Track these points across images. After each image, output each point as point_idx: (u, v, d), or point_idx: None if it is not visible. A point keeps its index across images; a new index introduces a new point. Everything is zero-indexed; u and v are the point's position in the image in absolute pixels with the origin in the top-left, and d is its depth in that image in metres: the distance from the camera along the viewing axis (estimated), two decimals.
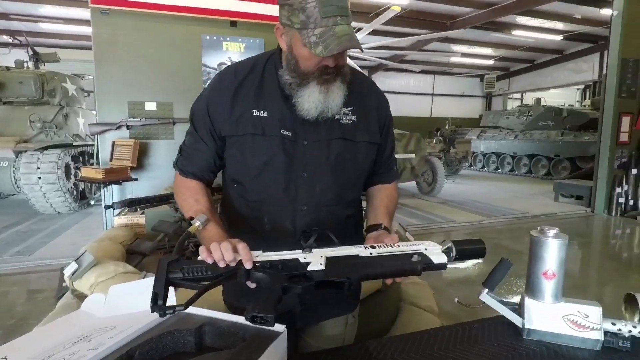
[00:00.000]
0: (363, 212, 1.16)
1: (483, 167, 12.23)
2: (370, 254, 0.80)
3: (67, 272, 2.03)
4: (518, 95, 17.80)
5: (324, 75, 0.89)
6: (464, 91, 17.80)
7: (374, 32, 9.79)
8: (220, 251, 0.74)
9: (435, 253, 0.82)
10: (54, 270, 3.34)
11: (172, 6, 3.28)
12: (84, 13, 9.12)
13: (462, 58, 14.41)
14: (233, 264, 0.75)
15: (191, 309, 1.02)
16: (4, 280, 3.36)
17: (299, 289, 0.75)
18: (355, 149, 0.99)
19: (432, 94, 17.32)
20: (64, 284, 2.17)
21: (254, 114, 0.94)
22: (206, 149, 0.99)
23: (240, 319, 0.93)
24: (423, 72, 16.34)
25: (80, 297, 2.06)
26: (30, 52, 7.01)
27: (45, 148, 5.46)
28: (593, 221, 5.58)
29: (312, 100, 0.90)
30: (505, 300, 0.89)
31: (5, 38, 9.88)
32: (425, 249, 0.82)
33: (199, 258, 0.77)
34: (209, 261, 0.75)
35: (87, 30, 9.80)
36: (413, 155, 6.75)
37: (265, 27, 3.60)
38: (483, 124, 13.35)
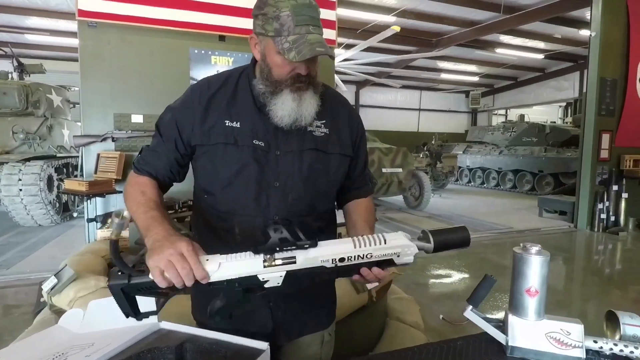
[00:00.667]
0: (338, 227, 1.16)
1: (469, 181, 12.41)
2: (335, 265, 0.77)
3: (46, 286, 1.97)
4: (503, 112, 18.24)
5: (296, 83, 0.91)
6: (450, 107, 18.17)
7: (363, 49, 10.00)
8: (176, 273, 0.71)
9: (406, 255, 0.80)
10: (33, 285, 3.24)
11: (161, 20, 3.29)
12: (70, 25, 9.08)
13: (448, 74, 14.77)
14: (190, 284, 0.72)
15: (172, 326, 1.00)
16: None
17: (256, 295, 0.77)
18: (328, 160, 1.00)
19: (419, 109, 17.63)
20: (42, 299, 2.10)
21: (227, 124, 0.95)
22: (167, 152, 0.99)
23: (222, 336, 0.91)
24: (409, 87, 16.67)
25: (59, 312, 1.99)
26: (15, 63, 6.92)
27: (28, 160, 5.35)
28: (576, 236, 5.68)
29: (285, 108, 0.91)
30: (490, 316, 0.89)
31: None
32: (398, 255, 0.80)
33: (150, 277, 0.72)
34: (163, 285, 0.72)
35: (73, 42, 9.71)
36: (400, 170, 6.81)
37: None
38: (469, 139, 13.59)
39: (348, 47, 10.23)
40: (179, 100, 1.02)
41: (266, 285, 0.75)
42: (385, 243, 0.79)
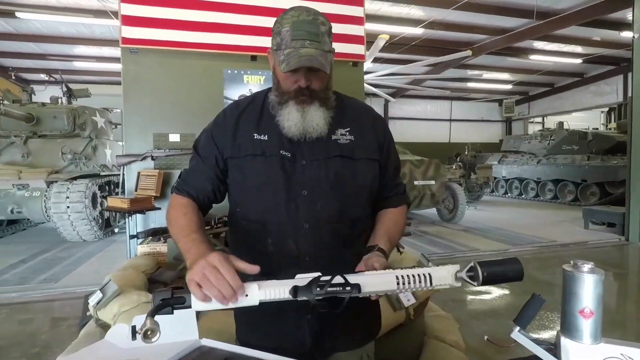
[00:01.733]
0: None
1: (506, 192, 11.95)
2: (370, 296, 0.80)
3: (92, 301, 2.05)
4: (539, 119, 17.57)
5: (299, 95, 0.96)
6: (482, 116, 17.71)
7: (388, 61, 10.01)
8: (211, 285, 0.73)
9: (447, 285, 0.81)
10: (78, 298, 3.39)
11: (196, 43, 3.44)
12: (113, 51, 9.69)
13: (480, 83, 14.44)
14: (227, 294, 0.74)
15: (213, 343, 1.01)
16: (30, 308, 3.43)
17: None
18: (354, 166, 1.01)
19: (450, 120, 17.29)
20: (87, 313, 2.19)
21: (255, 137, 1.01)
22: (207, 169, 1.03)
23: (263, 355, 0.91)
24: (440, 97, 16.42)
25: (104, 326, 2.07)
26: (64, 89, 7.44)
27: (75, 178, 5.68)
28: (628, 250, 5.31)
29: (291, 119, 0.96)
30: (539, 338, 0.84)
31: (42, 76, 10.55)
32: (441, 285, 0.80)
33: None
34: (201, 299, 0.74)
35: (115, 66, 10.38)
36: (433, 182, 6.67)
37: None
38: (504, 148, 13.17)
39: (375, 60, 10.27)
40: (211, 123, 1.09)
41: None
42: (430, 280, 0.80)
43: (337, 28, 4.08)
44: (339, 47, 4.01)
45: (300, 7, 0.95)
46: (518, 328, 0.82)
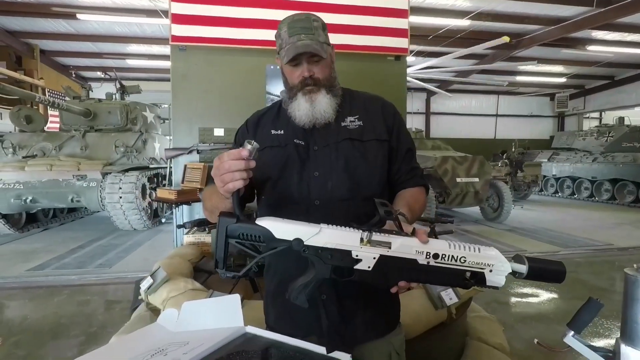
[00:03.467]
0: None
1: (556, 192, 11.28)
2: (428, 262, 0.76)
3: (144, 286, 2.18)
4: (596, 115, 16.38)
5: (305, 86, 1.04)
6: (532, 111, 16.77)
7: (429, 54, 9.72)
8: (226, 167, 0.81)
9: (498, 273, 0.77)
10: (129, 283, 3.62)
11: (241, 40, 3.53)
12: (162, 49, 10.16)
13: (530, 77, 13.67)
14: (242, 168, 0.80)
15: (257, 330, 1.05)
16: (87, 290, 3.71)
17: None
18: (364, 147, 1.08)
19: (496, 115, 16.53)
20: (139, 297, 2.33)
21: (272, 132, 1.11)
22: None
23: (305, 344, 0.93)
24: (486, 92, 15.74)
25: (154, 310, 2.19)
26: (118, 85, 7.91)
27: (127, 170, 6.04)
28: None
29: (301, 109, 1.04)
30: (594, 344, 0.79)
31: (99, 74, 11.28)
32: (491, 270, 0.76)
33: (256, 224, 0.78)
34: (227, 189, 0.81)
35: (164, 64, 10.89)
36: (476, 179, 6.43)
37: None
38: (555, 145, 12.43)
39: (417, 54, 10.03)
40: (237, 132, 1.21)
41: (356, 267, 0.76)
42: (479, 252, 0.76)
43: (380, 22, 4.00)
44: (381, 41, 3.95)
45: (295, 13, 1.07)
46: (572, 332, 0.78)
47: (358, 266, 0.76)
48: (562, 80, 14.19)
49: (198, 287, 2.15)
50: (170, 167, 3.73)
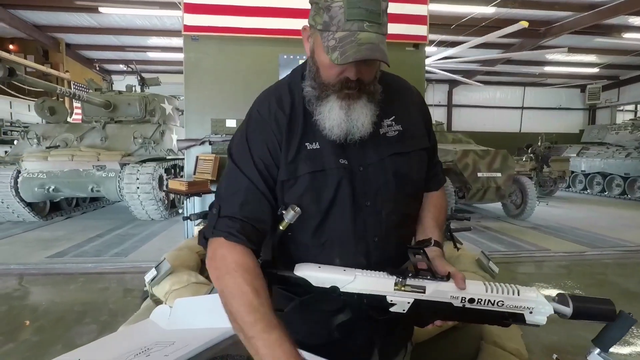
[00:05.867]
0: None
1: (584, 189, 10.79)
2: (464, 305, 0.74)
3: (147, 277, 2.16)
4: (631, 107, 15.53)
5: (345, 89, 0.78)
6: (560, 103, 16.08)
7: (452, 44, 9.39)
8: None
9: (539, 314, 0.74)
10: (143, 272, 3.64)
11: (253, 29, 3.46)
12: (181, 42, 10.20)
13: (559, 67, 13.06)
14: None
15: None
16: (102, 279, 3.77)
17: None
18: (409, 160, 0.89)
19: (522, 107, 15.94)
20: (144, 288, 2.32)
21: (307, 146, 0.83)
22: (258, 189, 0.82)
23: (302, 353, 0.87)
24: (511, 84, 15.18)
25: (157, 302, 2.17)
26: (138, 78, 8.01)
27: (144, 161, 6.12)
28: None
29: (333, 118, 0.79)
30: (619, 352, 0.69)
31: (121, 67, 11.49)
32: (531, 312, 0.73)
33: None
34: None
35: (182, 56, 10.90)
36: (499, 174, 6.18)
37: None
38: (585, 139, 11.88)
39: (440, 44, 9.71)
40: (247, 124, 0.90)
41: (391, 309, 0.76)
42: (518, 294, 0.74)
43: (397, 8, 3.84)
44: (399, 28, 3.79)
45: None
46: (598, 350, 0.71)
47: (393, 309, 0.76)
48: (595, 70, 13.49)
49: (202, 280, 2.10)
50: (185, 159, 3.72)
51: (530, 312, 0.73)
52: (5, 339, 2.51)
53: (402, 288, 0.74)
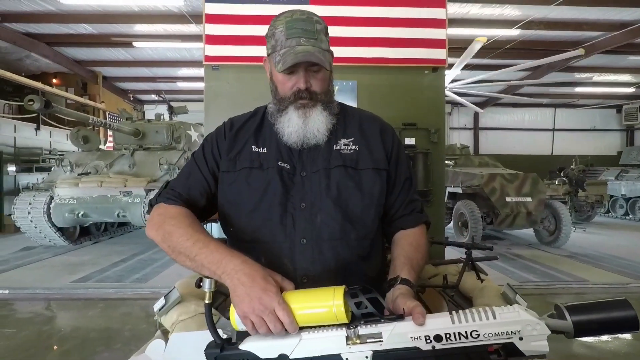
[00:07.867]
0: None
1: (626, 214, 10.13)
2: (433, 347, 0.60)
3: (156, 307, 2.13)
4: None
5: (299, 100, 0.91)
6: (594, 124, 15.44)
7: (479, 67, 9.28)
8: (267, 330, 0.69)
9: (533, 339, 0.59)
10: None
11: None
12: None
13: (591, 87, 12.62)
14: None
15: None
16: (121, 304, 3.79)
17: None
18: (359, 177, 0.94)
19: (553, 129, 15.40)
20: (154, 317, 2.29)
21: (253, 149, 0.97)
22: (201, 173, 0.99)
23: None
24: (540, 105, 14.76)
25: (165, 332, 2.13)
26: (167, 107, 8.35)
27: None
28: None
29: (291, 125, 0.91)
30: None
31: (153, 96, 12.07)
32: (521, 338, 0.58)
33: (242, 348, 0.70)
34: (252, 333, 0.71)
35: None
36: (529, 199, 5.90)
37: (357, 70, 3.59)
38: (624, 162, 11.26)
39: (465, 67, 9.61)
40: (209, 135, 1.07)
41: None
42: (494, 318, 0.59)
43: (416, 33, 3.82)
44: (418, 52, 3.76)
45: (293, 9, 0.92)
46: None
47: None
48: (630, 90, 12.93)
49: None
50: None
51: (521, 339, 0.59)
52: None
53: (356, 341, 0.64)
